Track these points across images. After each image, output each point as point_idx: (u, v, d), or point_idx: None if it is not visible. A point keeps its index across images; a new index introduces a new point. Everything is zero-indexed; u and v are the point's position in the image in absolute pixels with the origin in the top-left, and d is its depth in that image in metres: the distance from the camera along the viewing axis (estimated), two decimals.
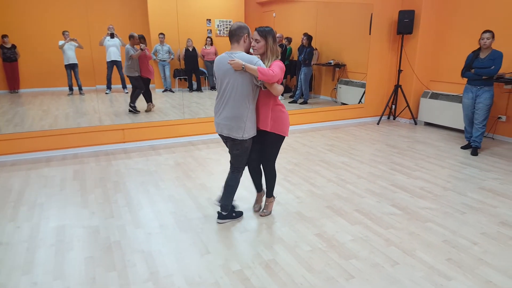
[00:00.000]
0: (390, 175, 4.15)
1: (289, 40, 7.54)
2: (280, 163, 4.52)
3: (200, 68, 7.30)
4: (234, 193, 3.02)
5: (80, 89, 5.92)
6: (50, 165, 4.42)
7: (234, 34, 2.67)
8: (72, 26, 5.51)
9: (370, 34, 6.59)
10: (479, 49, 4.73)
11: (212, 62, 7.32)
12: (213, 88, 7.54)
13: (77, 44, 5.51)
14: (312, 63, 7.10)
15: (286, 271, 2.40)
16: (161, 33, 6.54)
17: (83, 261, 2.51)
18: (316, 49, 7.02)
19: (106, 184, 3.83)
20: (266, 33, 2.70)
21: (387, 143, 5.45)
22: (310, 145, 5.33)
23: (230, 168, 2.99)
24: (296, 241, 2.77)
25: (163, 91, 6.94)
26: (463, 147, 5.16)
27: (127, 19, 6.37)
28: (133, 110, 5.97)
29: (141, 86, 6.05)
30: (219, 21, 7.26)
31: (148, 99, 6.21)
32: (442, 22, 6.28)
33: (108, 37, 5.95)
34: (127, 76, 6.03)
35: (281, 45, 7.20)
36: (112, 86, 6.36)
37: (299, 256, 2.57)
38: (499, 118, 5.59)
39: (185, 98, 6.62)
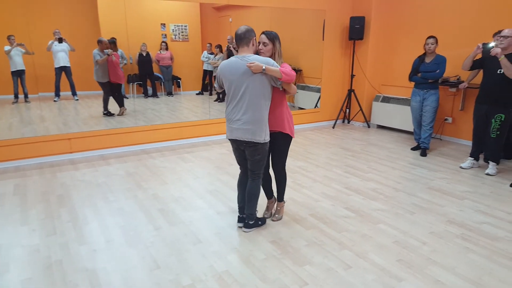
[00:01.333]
0: (345, 178, 4.21)
1: None
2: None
3: (155, 73, 7.10)
4: (257, 201, 2.95)
5: (26, 96, 5.57)
6: None
7: (244, 38, 2.65)
8: (13, 31, 5.17)
9: (323, 40, 6.71)
10: (425, 54, 4.94)
11: (167, 67, 7.16)
12: (169, 93, 7.37)
13: (24, 50, 5.18)
14: None
15: (240, 282, 2.33)
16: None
17: (19, 284, 2.31)
18: None
19: (50, 198, 3.59)
20: (273, 36, 2.77)
21: (342, 146, 5.55)
22: None
23: (250, 177, 2.89)
24: (251, 250, 2.71)
25: None
26: (413, 148, 5.36)
27: (75, 23, 6.09)
28: (108, 115, 5.87)
29: (107, 92, 5.93)
30: (174, 25, 7.12)
31: (120, 103, 6.11)
32: (391, 28, 6.52)
33: (56, 42, 5.66)
34: (97, 81, 5.91)
35: (238, 51, 7.17)
36: (61, 93, 6.06)
37: (253, 266, 2.51)
38: (446, 120, 5.86)
39: (140, 104, 6.40)
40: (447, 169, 4.50)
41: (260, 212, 3.26)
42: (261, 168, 2.86)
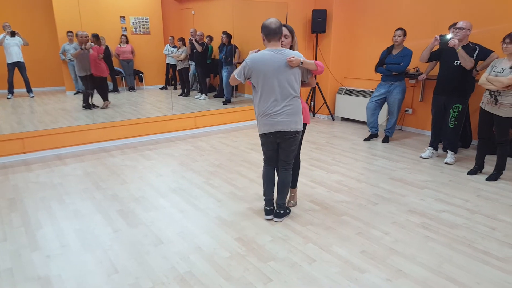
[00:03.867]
0: (310, 171, 4.21)
1: (211, 38, 7.40)
2: (202, 165, 4.37)
3: (115, 67, 6.84)
4: (289, 189, 3.10)
5: None
6: None
7: (278, 32, 2.70)
8: None
9: None
10: (393, 46, 5.02)
11: (128, 61, 6.91)
12: (131, 88, 7.13)
13: None
14: (234, 61, 7.03)
15: (203, 283, 2.26)
16: (70, 31, 6.01)
17: None
18: (237, 47, 6.96)
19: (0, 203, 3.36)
20: (292, 30, 2.91)
21: (307, 139, 5.56)
22: (233, 145, 5.25)
23: (283, 167, 3.00)
24: (215, 248, 2.65)
25: (74, 94, 6.38)
26: (365, 139, 5.49)
27: (27, 16, 5.76)
28: (87, 107, 5.84)
29: (91, 86, 5.86)
30: (135, 18, 6.87)
31: (104, 97, 6.08)
32: (352, 21, 6.59)
33: (8, 36, 5.34)
34: (78, 76, 5.86)
35: (202, 44, 7.03)
36: (15, 90, 5.72)
37: (217, 265, 2.45)
38: (406, 111, 6.02)
39: (99, 100, 6.14)
40: (408, 159, 4.61)
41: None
42: (294, 157, 3.01)
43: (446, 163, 4.44)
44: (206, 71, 7.57)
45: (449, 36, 4.08)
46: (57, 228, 2.92)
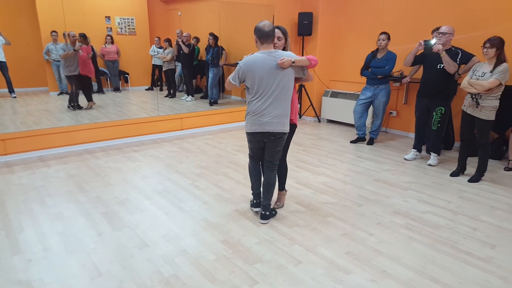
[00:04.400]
0: (296, 172, 4.23)
1: (197, 39, 7.37)
2: (188, 167, 4.35)
3: (100, 68, 6.75)
4: (274, 190, 3.11)
5: None
6: None
7: (271, 35, 2.75)
8: None
9: None
10: (377, 49, 5.08)
11: (113, 61, 6.83)
12: (116, 89, 7.04)
13: None
14: (220, 63, 7.02)
15: (188, 286, 2.24)
16: (54, 31, 5.91)
17: None
18: (224, 49, 6.95)
19: None
20: (285, 31, 2.96)
21: (293, 141, 5.58)
22: (220, 147, 5.23)
23: (269, 168, 3.03)
24: (201, 251, 2.63)
25: (58, 94, 6.28)
26: (352, 141, 5.53)
27: (10, 15, 5.65)
28: (73, 108, 5.76)
29: (78, 86, 5.81)
30: (120, 18, 6.79)
31: (89, 97, 6.01)
32: (338, 24, 6.65)
33: None
34: (65, 76, 5.79)
35: (188, 45, 7.00)
36: None
37: (202, 267, 2.43)
38: (391, 113, 6.10)
39: (84, 101, 6.05)
40: (392, 161, 4.67)
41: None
42: (279, 158, 3.05)
43: (430, 164, 4.51)
44: (193, 72, 7.54)
45: (433, 41, 4.16)
46: (39, 231, 2.86)
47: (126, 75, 7.15)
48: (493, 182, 3.99)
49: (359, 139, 5.53)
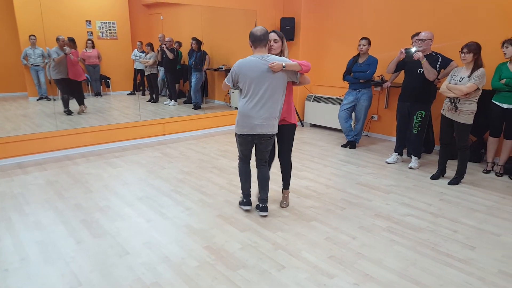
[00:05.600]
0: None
1: (179, 44, 7.32)
2: (170, 173, 4.30)
3: None
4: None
5: None
6: None
7: (263, 39, 2.86)
8: None
9: None
10: (358, 54, 5.15)
11: (94, 66, 6.72)
12: (97, 94, 6.93)
13: None
14: (203, 68, 6.99)
15: None
16: (32, 35, 5.78)
17: None
18: (207, 53, 6.93)
19: None
20: (282, 35, 3.04)
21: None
22: (203, 152, 5.20)
23: (261, 165, 3.20)
24: (183, 257, 2.60)
25: (37, 99, 6.12)
26: (343, 145, 5.57)
27: None
28: (67, 113, 5.75)
29: (66, 91, 5.77)
30: (101, 22, 6.70)
31: (80, 101, 6.01)
32: (320, 29, 6.72)
33: None
34: (53, 79, 5.71)
35: (172, 50, 6.95)
36: None
37: (185, 275, 2.40)
38: (372, 117, 6.18)
39: (75, 107, 5.95)
40: (374, 165, 4.73)
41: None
42: (268, 155, 3.20)
43: (411, 168, 4.58)
44: (176, 76, 7.49)
45: (413, 49, 4.23)
46: (17, 240, 2.77)
47: (108, 80, 7.04)
48: (473, 184, 4.08)
49: (349, 143, 5.56)
